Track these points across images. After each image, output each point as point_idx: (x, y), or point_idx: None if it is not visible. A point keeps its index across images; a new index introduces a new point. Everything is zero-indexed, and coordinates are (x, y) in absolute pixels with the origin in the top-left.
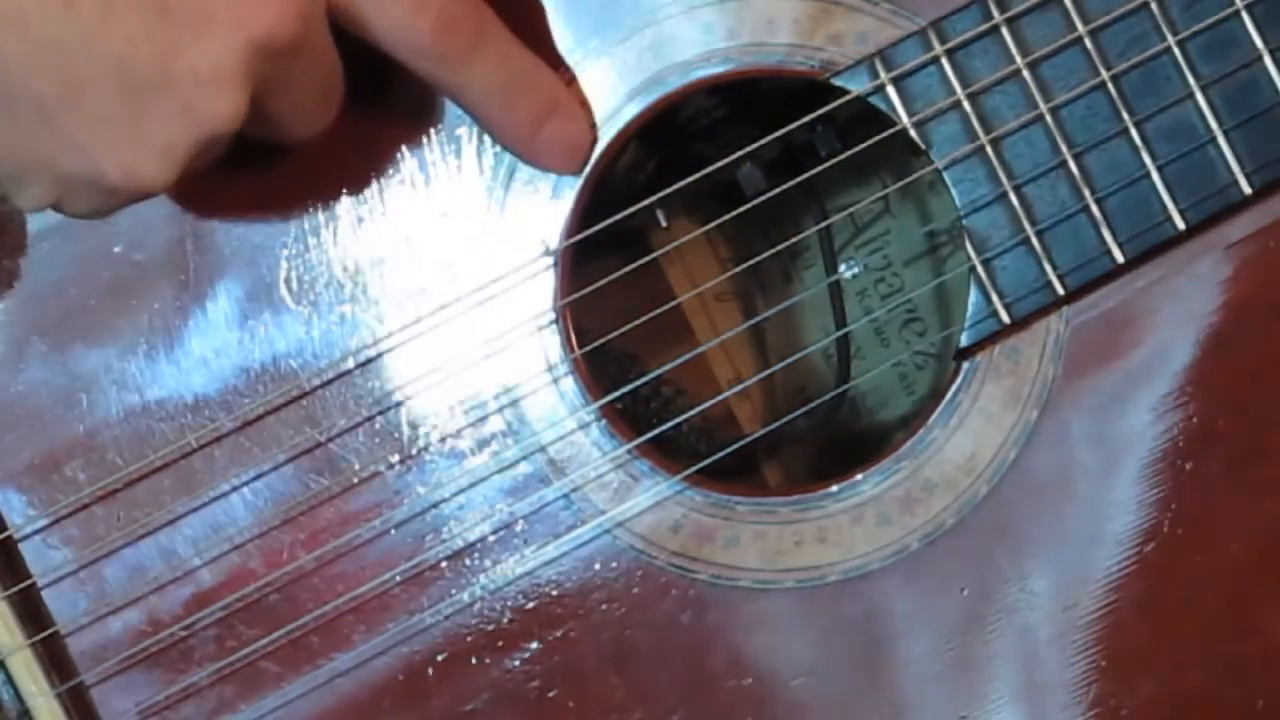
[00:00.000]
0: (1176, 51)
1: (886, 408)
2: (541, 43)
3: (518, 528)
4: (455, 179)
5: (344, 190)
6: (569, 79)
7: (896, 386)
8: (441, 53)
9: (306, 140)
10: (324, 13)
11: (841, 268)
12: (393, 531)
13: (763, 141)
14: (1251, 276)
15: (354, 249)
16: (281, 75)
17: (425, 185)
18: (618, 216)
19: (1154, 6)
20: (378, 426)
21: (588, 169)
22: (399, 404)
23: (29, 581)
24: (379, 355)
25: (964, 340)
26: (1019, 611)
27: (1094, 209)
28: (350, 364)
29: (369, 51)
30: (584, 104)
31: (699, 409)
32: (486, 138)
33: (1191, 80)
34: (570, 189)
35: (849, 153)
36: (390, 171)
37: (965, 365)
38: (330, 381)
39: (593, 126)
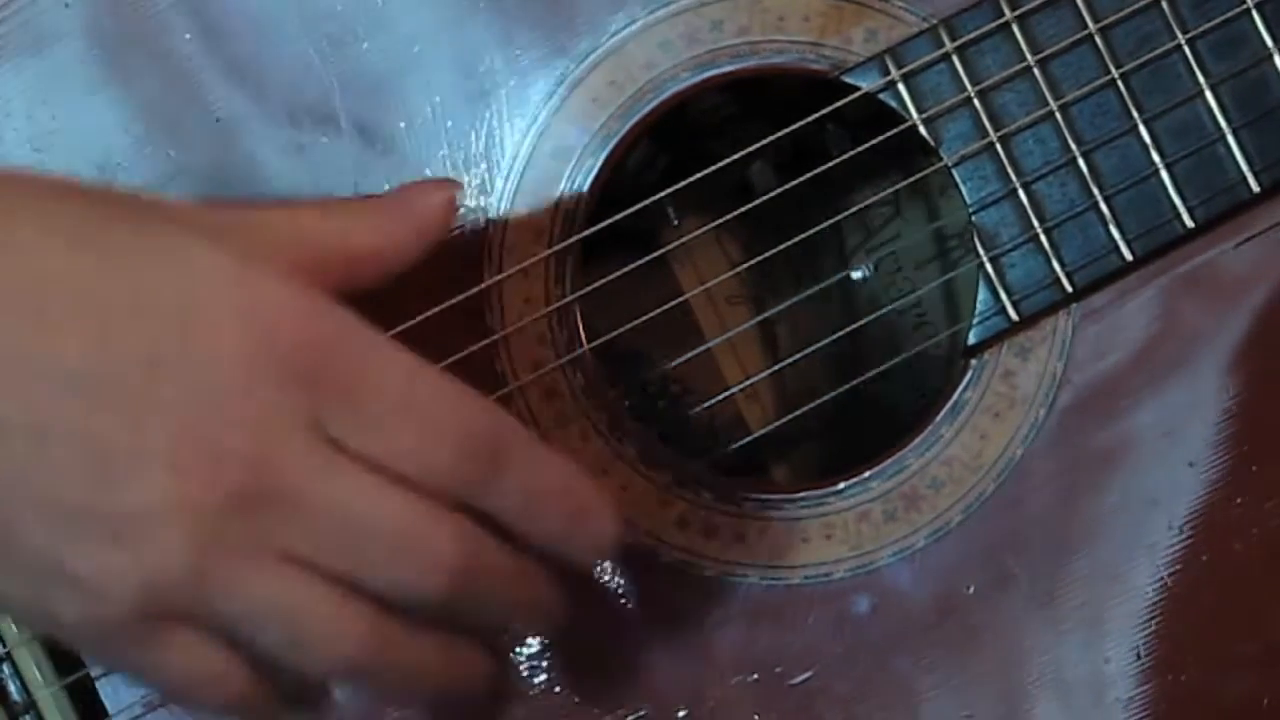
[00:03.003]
0: (1186, 50)
1: (896, 408)
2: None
3: None
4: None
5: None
6: (575, 81)
7: (906, 386)
8: (461, 482)
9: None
10: (319, 459)
11: (852, 269)
12: None
13: (772, 139)
14: (1259, 275)
15: None
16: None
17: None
18: (627, 211)
19: (1164, 5)
20: None
21: (596, 168)
22: None
23: None
24: None
25: (972, 337)
26: (1024, 609)
27: (1103, 206)
28: None
29: None
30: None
31: (707, 404)
32: (488, 137)
33: (1201, 78)
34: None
35: (859, 149)
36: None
37: (973, 363)
38: None
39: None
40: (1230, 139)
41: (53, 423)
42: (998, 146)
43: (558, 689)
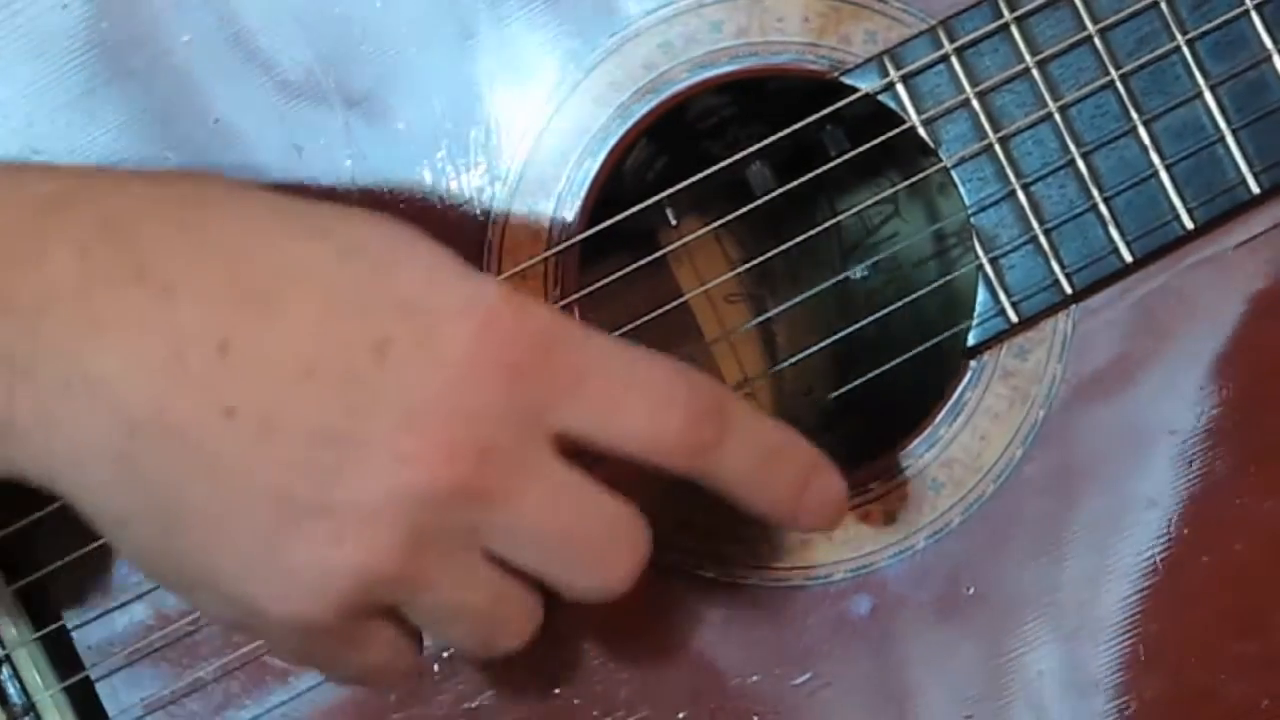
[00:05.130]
0: (1185, 51)
1: (894, 408)
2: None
3: None
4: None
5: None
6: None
7: (905, 386)
8: (694, 447)
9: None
10: (535, 456)
11: (852, 270)
12: None
13: (771, 140)
14: (1260, 276)
15: None
16: (457, 529)
17: (432, 187)
18: (627, 213)
19: (1163, 6)
20: None
21: (595, 168)
22: None
23: (37, 574)
24: None
25: (971, 339)
26: (1024, 610)
27: (1102, 208)
28: None
29: None
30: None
31: None
32: (486, 138)
33: (1200, 79)
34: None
35: (858, 150)
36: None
37: (973, 364)
38: None
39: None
40: (1230, 140)
41: (281, 412)
42: (997, 148)
43: (557, 690)
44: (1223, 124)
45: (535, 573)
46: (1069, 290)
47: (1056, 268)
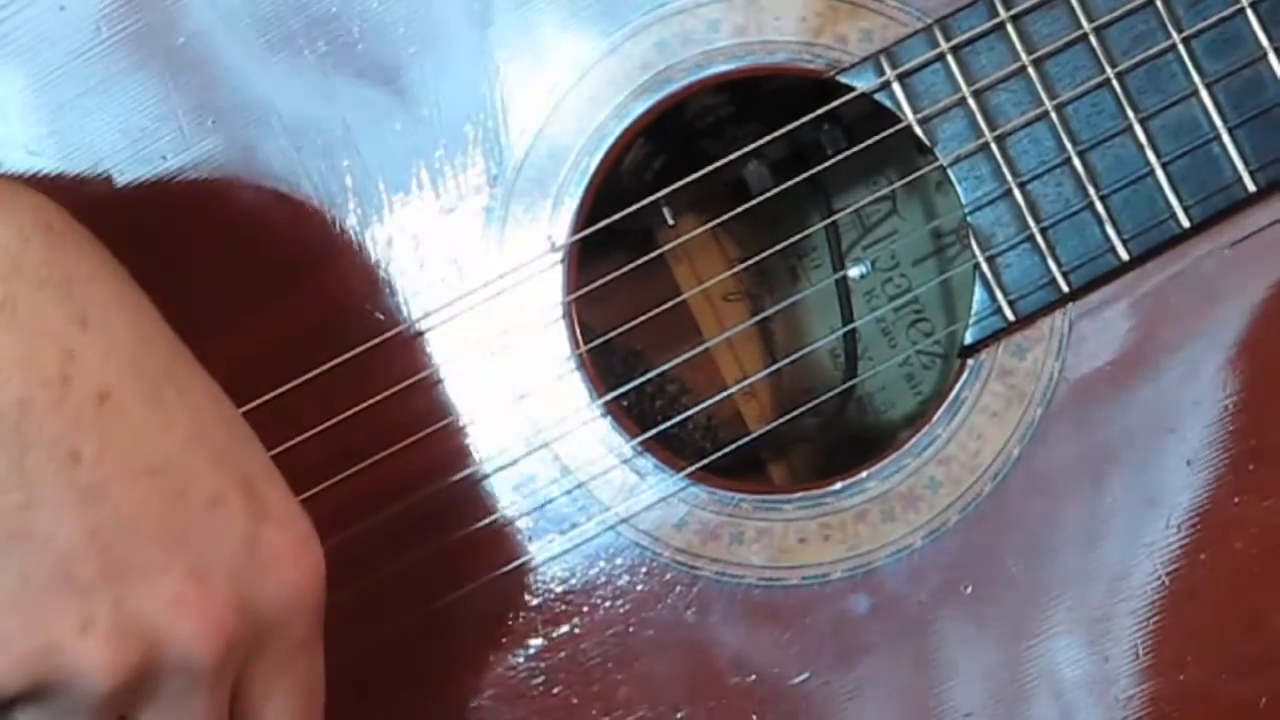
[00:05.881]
0: (1181, 49)
1: (893, 408)
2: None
3: (522, 524)
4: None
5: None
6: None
7: (903, 387)
8: None
9: None
10: (234, 675)
11: (850, 268)
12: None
13: (768, 139)
14: (1255, 274)
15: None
16: (168, 701)
17: (430, 185)
18: (624, 212)
19: (1159, 4)
20: None
21: (593, 167)
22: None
23: None
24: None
25: (968, 337)
26: (1022, 608)
27: (1098, 206)
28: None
29: None
30: None
31: (706, 404)
32: (484, 137)
33: (1196, 78)
34: (575, 189)
35: (855, 149)
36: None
37: (970, 363)
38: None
39: None
40: (1226, 138)
41: (113, 490)
42: (993, 146)
43: (556, 690)
44: (1219, 122)
45: None
46: (1066, 288)
47: (1053, 266)
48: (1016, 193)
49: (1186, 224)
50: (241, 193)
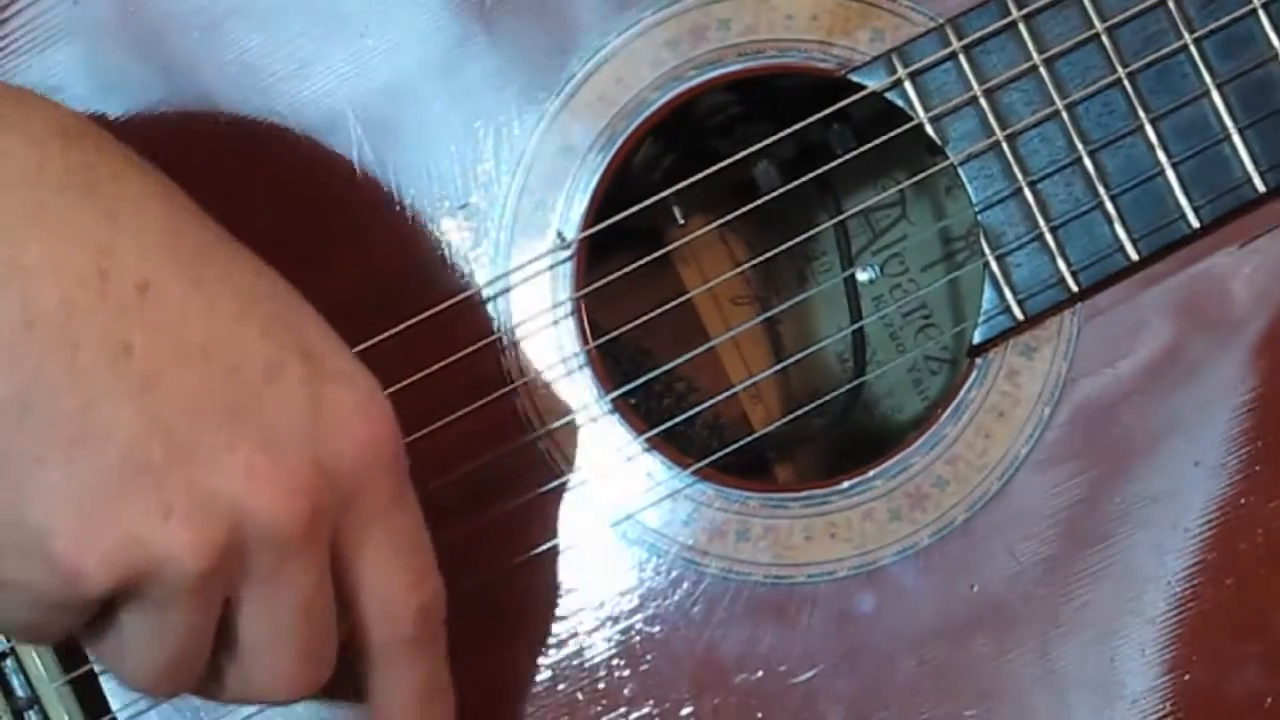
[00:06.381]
0: (1193, 49)
1: (900, 411)
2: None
3: (528, 521)
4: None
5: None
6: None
7: (910, 390)
8: (412, 638)
9: (272, 698)
10: (329, 539)
11: (858, 271)
12: None
13: (778, 137)
14: (1264, 275)
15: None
16: (264, 574)
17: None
18: (632, 210)
19: (1171, 4)
20: None
21: (602, 165)
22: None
23: None
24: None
25: (977, 336)
26: (1028, 608)
27: (1108, 206)
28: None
29: None
30: None
31: (712, 401)
32: (493, 134)
33: (1207, 78)
34: (585, 187)
35: (865, 147)
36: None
37: (978, 362)
38: None
39: None
40: (1236, 139)
41: (169, 374)
42: (1004, 145)
43: (561, 687)
44: (1229, 122)
45: (241, 644)
46: (1075, 288)
47: (1062, 265)
48: (1026, 192)
49: (1196, 224)
50: (243, 195)
